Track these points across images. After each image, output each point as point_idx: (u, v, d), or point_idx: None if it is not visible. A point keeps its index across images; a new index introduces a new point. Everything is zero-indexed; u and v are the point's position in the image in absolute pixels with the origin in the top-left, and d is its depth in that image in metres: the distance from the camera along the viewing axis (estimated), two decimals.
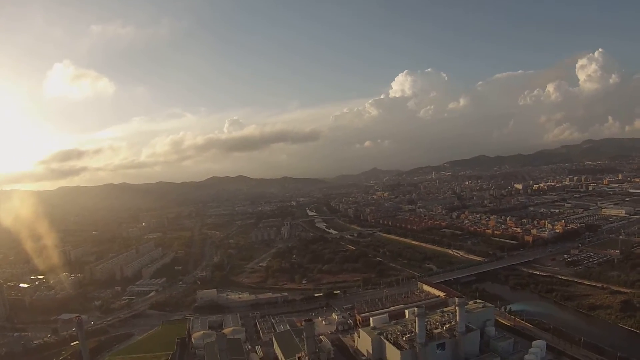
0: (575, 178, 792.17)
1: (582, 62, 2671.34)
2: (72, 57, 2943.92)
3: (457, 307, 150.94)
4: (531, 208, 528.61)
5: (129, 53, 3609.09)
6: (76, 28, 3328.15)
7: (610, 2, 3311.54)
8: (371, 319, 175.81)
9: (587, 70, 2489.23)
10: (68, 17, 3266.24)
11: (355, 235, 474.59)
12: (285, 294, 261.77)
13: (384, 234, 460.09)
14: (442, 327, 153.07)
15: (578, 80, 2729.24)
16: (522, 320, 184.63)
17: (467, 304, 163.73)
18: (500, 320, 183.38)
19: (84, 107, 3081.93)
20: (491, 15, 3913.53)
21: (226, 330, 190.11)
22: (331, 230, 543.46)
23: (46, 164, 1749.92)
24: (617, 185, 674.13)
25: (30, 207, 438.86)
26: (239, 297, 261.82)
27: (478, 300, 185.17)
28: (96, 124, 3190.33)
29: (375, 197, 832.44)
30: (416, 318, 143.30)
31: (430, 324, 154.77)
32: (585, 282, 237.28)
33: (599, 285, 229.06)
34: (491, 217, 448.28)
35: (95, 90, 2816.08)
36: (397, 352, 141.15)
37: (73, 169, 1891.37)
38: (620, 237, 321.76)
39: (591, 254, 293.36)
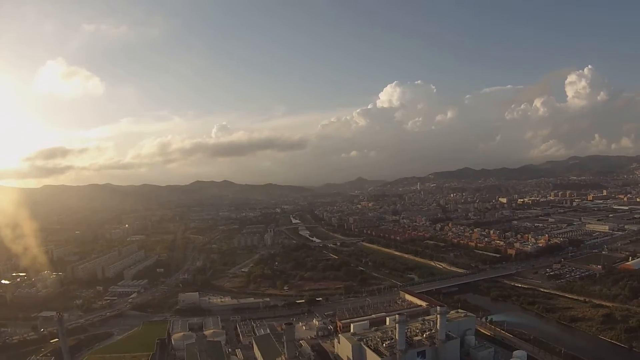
0: (560, 193, 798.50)
1: (571, 78, 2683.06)
2: (65, 55, 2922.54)
3: (438, 315, 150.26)
4: (515, 222, 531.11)
5: (120, 53, 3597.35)
6: (69, 26, 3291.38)
7: (601, 20, 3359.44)
8: (352, 325, 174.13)
9: (576, 87, 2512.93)
10: (61, 15, 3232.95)
11: (338, 244, 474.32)
12: (267, 299, 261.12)
13: (367, 244, 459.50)
14: (423, 335, 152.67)
15: (566, 96, 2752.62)
16: (503, 330, 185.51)
17: (448, 312, 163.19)
18: (481, 330, 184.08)
19: (73, 105, 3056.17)
20: (483, 30, 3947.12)
21: (206, 332, 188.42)
22: (314, 239, 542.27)
23: (31, 161, 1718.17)
24: (601, 201, 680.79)
25: (14, 204, 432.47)
26: (221, 301, 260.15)
27: (460, 310, 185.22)
28: (84, 122, 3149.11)
29: (359, 206, 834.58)
30: (396, 325, 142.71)
31: (411, 332, 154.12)
32: (568, 295, 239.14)
33: (581, 298, 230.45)
34: (475, 230, 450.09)
35: (85, 89, 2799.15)
36: (378, 359, 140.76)
37: (58, 167, 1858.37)
38: (603, 252, 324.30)
39: (573, 268, 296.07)
